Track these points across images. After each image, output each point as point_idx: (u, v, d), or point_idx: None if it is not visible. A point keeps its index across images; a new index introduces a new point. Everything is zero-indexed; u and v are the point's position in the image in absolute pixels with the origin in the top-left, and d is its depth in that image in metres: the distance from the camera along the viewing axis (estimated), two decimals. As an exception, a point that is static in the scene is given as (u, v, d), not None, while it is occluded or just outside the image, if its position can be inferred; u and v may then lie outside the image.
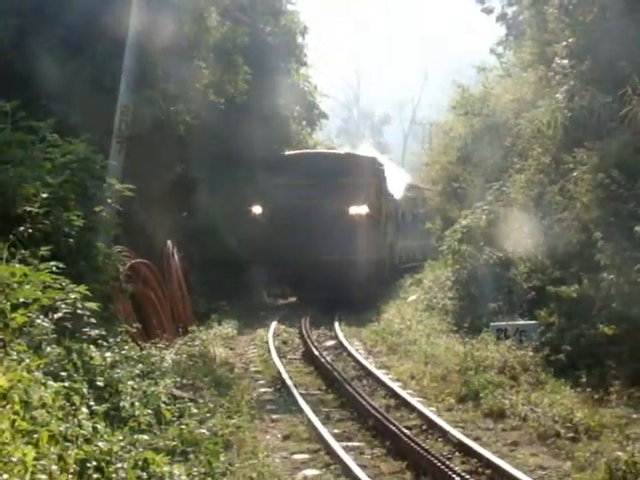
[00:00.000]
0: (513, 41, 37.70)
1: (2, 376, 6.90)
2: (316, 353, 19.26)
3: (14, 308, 9.09)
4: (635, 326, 14.26)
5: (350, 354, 19.79)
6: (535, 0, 26.13)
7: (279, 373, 17.38)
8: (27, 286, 9.23)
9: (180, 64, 22.78)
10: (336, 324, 24.13)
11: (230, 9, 28.30)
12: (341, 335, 22.30)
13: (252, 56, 29.71)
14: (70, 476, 7.37)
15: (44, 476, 6.20)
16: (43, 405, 8.22)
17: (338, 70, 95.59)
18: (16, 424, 6.38)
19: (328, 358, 18.85)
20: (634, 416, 12.18)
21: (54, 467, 6.46)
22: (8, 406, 6.57)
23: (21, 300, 9.21)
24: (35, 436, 6.63)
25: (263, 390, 16.24)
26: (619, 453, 10.69)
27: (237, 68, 26.83)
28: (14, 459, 5.86)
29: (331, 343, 21.60)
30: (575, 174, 17.12)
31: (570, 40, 19.74)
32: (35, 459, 6.27)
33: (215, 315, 23.71)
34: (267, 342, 21.36)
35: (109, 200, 15.51)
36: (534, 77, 25.59)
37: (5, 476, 5.55)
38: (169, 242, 22.94)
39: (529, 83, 25.61)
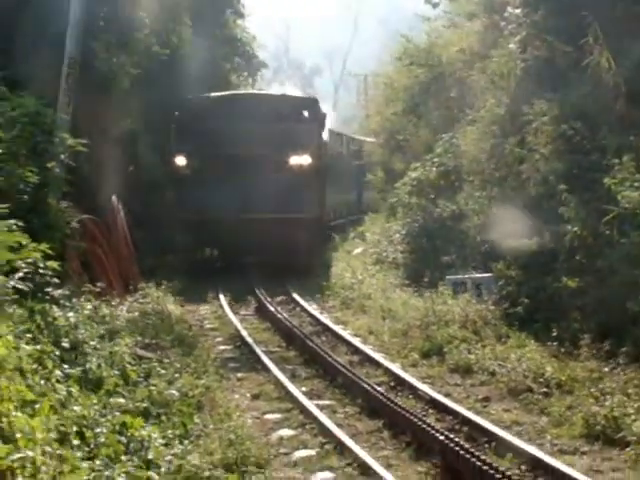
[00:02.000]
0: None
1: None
2: (271, 308, 19.00)
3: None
4: (599, 278, 14.22)
5: (304, 309, 19.56)
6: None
7: (237, 330, 17.11)
8: None
9: (122, 14, 22.11)
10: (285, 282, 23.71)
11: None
12: (292, 290, 22.02)
13: (190, 7, 29.06)
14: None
15: (49, 448, 5.89)
16: (20, 370, 7.89)
17: (266, 19, 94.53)
18: (20, 394, 6.04)
19: (282, 313, 18.58)
20: (605, 369, 12.13)
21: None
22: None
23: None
24: (37, 406, 6.29)
25: (222, 348, 15.96)
26: (595, 408, 10.63)
27: (179, 18, 26.16)
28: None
29: (282, 298, 21.29)
30: (534, 125, 16.96)
31: (523, -11, 19.51)
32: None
33: (160, 271, 23.26)
34: (218, 298, 21.02)
35: (62, 156, 14.98)
36: (479, 27, 25.44)
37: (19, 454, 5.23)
38: (114, 197, 22.39)
39: (475, 33, 25.44)
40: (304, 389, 12.77)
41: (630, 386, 11.08)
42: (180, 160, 25.48)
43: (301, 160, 25.30)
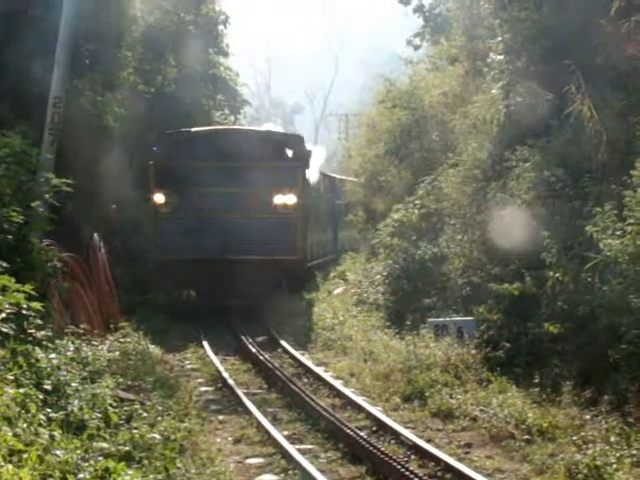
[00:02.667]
0: (431, 33, 37.95)
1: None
2: (252, 350, 18.97)
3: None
4: (580, 325, 14.29)
5: (285, 350, 19.54)
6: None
7: (218, 371, 17.06)
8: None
9: (107, 53, 22.29)
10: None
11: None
12: (273, 330, 21.99)
13: (175, 45, 29.30)
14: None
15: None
16: (6, 418, 7.86)
17: (249, 58, 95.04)
18: (8, 444, 6.01)
19: (264, 354, 18.54)
20: (587, 417, 12.13)
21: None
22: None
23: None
24: (25, 456, 6.26)
25: (204, 389, 15.91)
26: (577, 456, 10.65)
27: (165, 57, 26.33)
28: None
29: (263, 338, 21.25)
30: (516, 171, 17.10)
31: (506, 36, 19.71)
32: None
33: (141, 309, 23.22)
34: (199, 337, 20.98)
35: (46, 195, 15.00)
36: (462, 71, 25.69)
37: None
38: (95, 235, 22.37)
39: (457, 77, 25.69)
40: (286, 433, 12.74)
41: (612, 434, 11.10)
42: (159, 197, 24.48)
43: (286, 199, 24.40)
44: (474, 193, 19.83)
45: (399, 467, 10.38)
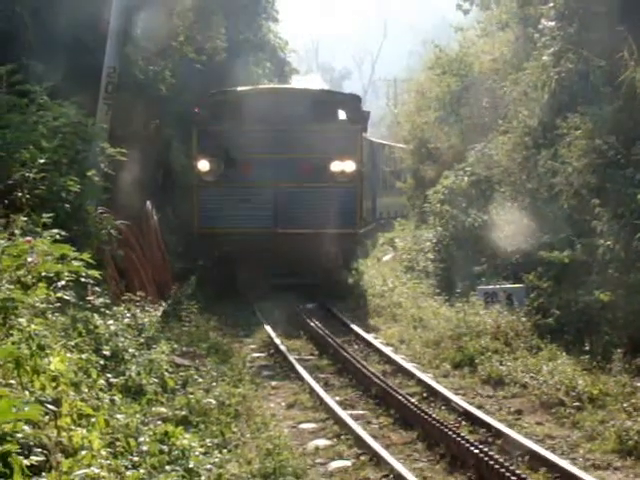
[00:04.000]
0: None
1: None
2: (303, 315, 19.17)
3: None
4: (630, 293, 14.32)
5: (335, 316, 19.71)
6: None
7: (270, 337, 17.28)
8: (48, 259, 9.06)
9: (158, 22, 22.44)
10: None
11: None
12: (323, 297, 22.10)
13: (226, 13, 29.36)
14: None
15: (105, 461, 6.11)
16: (73, 383, 8.10)
17: (298, 23, 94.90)
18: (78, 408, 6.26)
19: (315, 321, 18.69)
20: (637, 384, 12.21)
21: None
22: (60, 388, 6.43)
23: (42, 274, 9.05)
24: (92, 420, 6.51)
25: (256, 355, 16.16)
26: (628, 423, 10.75)
27: (215, 28, 26.44)
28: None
29: (313, 305, 21.40)
30: (567, 139, 17.07)
31: (558, 1, 19.57)
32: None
33: (194, 277, 23.48)
34: (251, 304, 21.18)
35: (102, 165, 15.26)
36: (512, 37, 25.51)
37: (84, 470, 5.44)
38: (148, 202, 22.64)
39: (508, 43, 25.52)
40: (338, 399, 12.94)
41: (662, 402, 11.19)
42: (203, 165, 22.39)
43: (344, 166, 22.09)
44: (524, 160, 19.83)
45: (450, 433, 10.54)
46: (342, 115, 22.88)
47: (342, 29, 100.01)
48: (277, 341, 16.73)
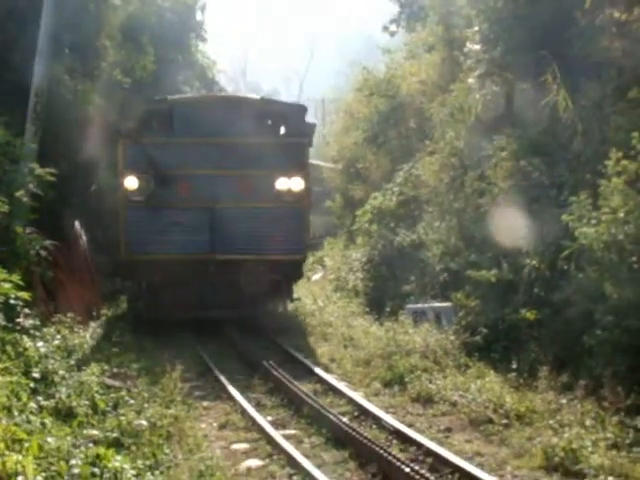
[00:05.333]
0: (407, 20, 38.16)
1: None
2: (232, 334, 19.17)
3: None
4: (555, 311, 14.64)
5: (266, 335, 19.73)
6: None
7: (200, 357, 17.27)
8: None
9: (87, 43, 22.42)
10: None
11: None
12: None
13: (153, 32, 29.39)
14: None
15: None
16: (1, 405, 8.08)
17: (225, 42, 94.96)
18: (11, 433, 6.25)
19: (245, 340, 18.68)
20: (563, 401, 12.44)
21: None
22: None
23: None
24: (26, 445, 6.49)
25: (187, 375, 16.11)
26: (554, 439, 10.96)
27: (144, 48, 26.43)
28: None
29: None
30: (493, 160, 17.40)
31: (483, 25, 19.96)
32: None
33: (122, 297, 23.40)
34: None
35: (30, 185, 15.18)
36: (438, 59, 25.93)
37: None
38: (77, 223, 22.55)
39: (434, 65, 25.93)
40: (270, 418, 12.99)
41: (587, 418, 11.42)
42: (130, 182, 19.62)
43: (291, 184, 19.76)
44: (451, 181, 20.16)
45: (381, 451, 10.65)
46: (288, 126, 20.53)
47: (270, 48, 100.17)
48: (207, 360, 16.70)
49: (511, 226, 16.35)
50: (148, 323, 19.23)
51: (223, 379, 15.30)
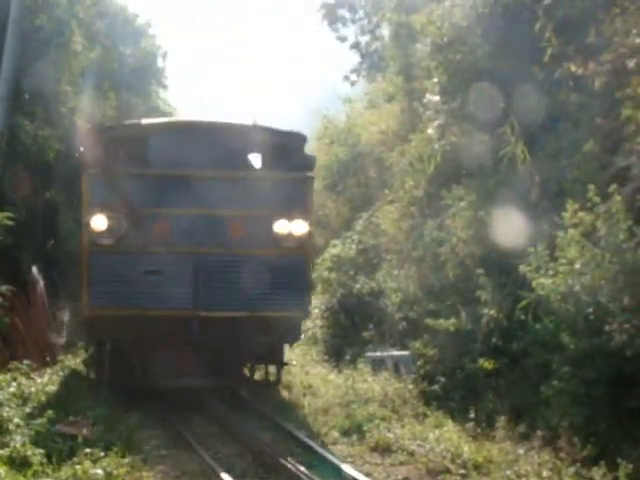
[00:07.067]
0: (367, 70, 38.60)
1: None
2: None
3: None
4: (513, 361, 14.76)
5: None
6: (396, 34, 26.82)
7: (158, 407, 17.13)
8: None
9: (47, 88, 22.45)
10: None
11: (95, 34, 27.91)
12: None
13: (114, 78, 29.53)
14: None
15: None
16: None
17: (183, 91, 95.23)
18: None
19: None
20: (520, 451, 12.49)
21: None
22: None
23: None
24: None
25: (145, 423, 15.99)
26: (511, 490, 11.02)
27: (105, 94, 26.52)
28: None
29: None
30: (453, 210, 17.57)
31: (442, 77, 20.22)
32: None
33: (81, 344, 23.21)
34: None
35: (-14, 231, 15.12)
36: (398, 109, 26.22)
37: None
38: (34, 269, 22.41)
39: (394, 115, 26.20)
40: (228, 467, 12.89)
41: (544, 469, 11.46)
42: (98, 222, 15.98)
43: (292, 227, 16.52)
44: (411, 230, 20.30)
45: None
46: (285, 159, 16.99)
47: (230, 93, 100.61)
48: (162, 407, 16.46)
49: (469, 275, 16.49)
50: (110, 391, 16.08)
51: (179, 427, 15.18)
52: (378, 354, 18.39)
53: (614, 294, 12.03)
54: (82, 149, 16.76)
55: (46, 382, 16.52)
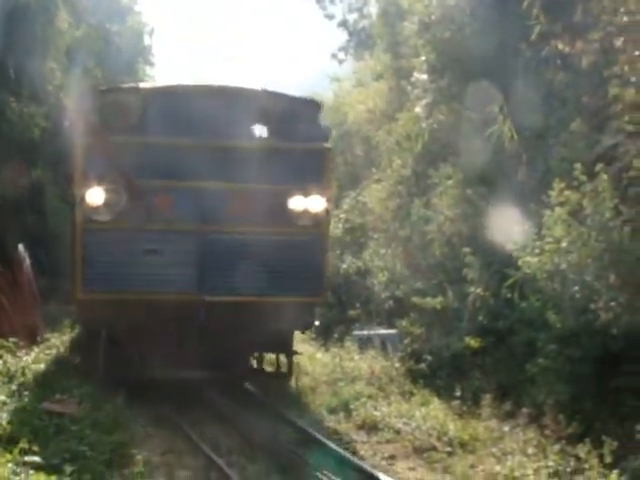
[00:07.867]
0: (355, 48, 38.49)
1: None
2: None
3: None
4: (499, 339, 14.81)
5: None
6: (384, 11, 26.75)
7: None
8: None
9: (33, 66, 22.33)
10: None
11: (81, 11, 27.75)
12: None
13: (101, 56, 29.38)
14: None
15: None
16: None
17: (173, 67, 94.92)
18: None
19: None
20: (505, 429, 12.55)
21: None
22: None
23: None
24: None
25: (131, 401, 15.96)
26: (497, 467, 11.06)
27: (90, 72, 26.40)
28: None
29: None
30: (440, 189, 17.58)
31: (429, 56, 20.18)
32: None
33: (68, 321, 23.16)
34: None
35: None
36: (386, 88, 26.15)
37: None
38: (20, 247, 22.32)
39: (382, 93, 26.13)
40: (212, 444, 12.89)
41: (529, 446, 11.53)
42: (94, 195, 14.18)
43: (308, 204, 14.91)
44: (398, 208, 20.32)
45: (325, 479, 10.65)
46: (299, 128, 15.07)
47: (220, 75, 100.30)
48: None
49: (456, 254, 16.52)
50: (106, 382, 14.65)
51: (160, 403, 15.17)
52: (365, 333, 18.43)
53: (600, 272, 12.07)
54: (75, 115, 15.32)
55: (32, 360, 16.49)
